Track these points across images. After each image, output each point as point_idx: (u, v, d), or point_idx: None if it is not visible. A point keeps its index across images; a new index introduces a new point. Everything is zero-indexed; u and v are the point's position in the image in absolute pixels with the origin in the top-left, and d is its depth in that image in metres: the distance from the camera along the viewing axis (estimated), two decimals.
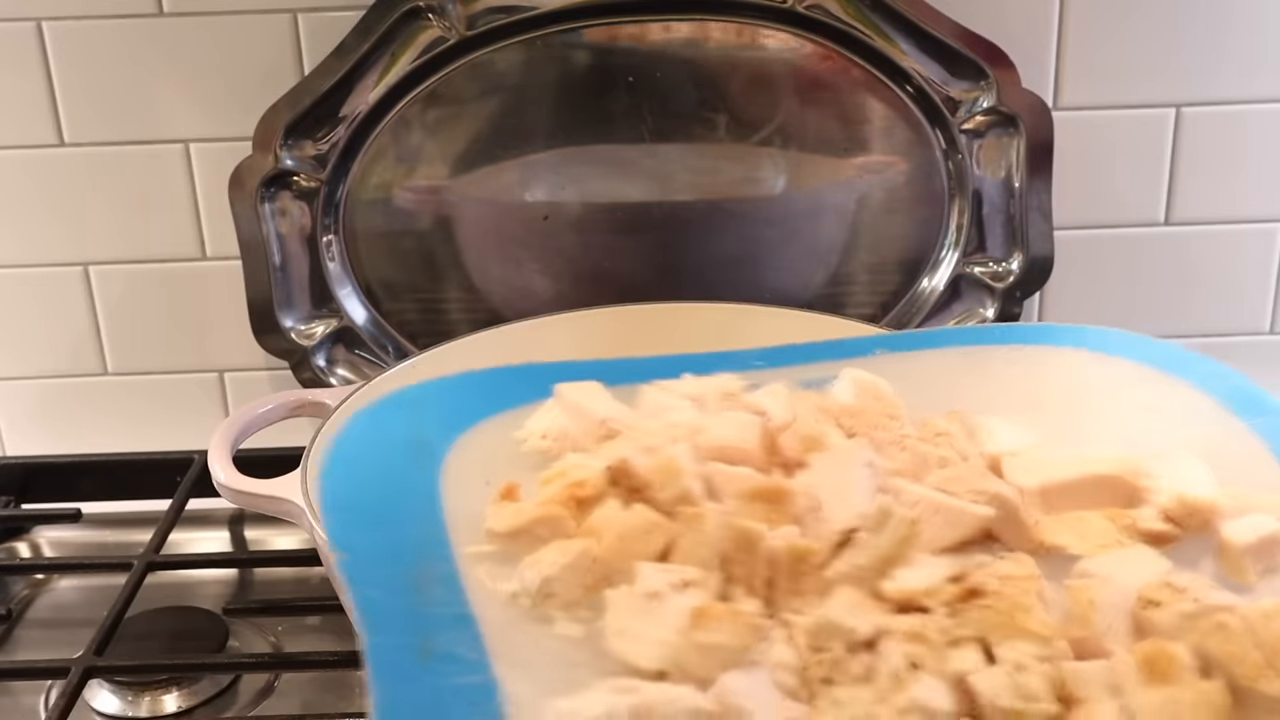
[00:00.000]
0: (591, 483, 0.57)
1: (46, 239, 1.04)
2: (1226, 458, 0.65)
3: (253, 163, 0.98)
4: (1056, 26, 1.00)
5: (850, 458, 0.60)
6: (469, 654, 0.47)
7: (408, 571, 0.50)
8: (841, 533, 0.56)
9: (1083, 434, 0.68)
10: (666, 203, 1.02)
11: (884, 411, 0.66)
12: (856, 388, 0.67)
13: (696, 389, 0.67)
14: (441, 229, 1.02)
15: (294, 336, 1.02)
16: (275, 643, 0.89)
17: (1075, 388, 0.72)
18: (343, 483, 0.53)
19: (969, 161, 1.01)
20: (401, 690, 0.45)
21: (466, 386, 0.62)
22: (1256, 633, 0.52)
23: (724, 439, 0.62)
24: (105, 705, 0.83)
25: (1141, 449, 0.65)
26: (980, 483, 0.60)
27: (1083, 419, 0.69)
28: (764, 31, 0.98)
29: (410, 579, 0.49)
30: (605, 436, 0.63)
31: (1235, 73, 1.02)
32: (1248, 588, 0.58)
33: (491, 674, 0.47)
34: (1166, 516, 0.61)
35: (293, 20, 0.98)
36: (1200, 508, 0.60)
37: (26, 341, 1.07)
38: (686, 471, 0.58)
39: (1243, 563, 0.59)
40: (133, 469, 1.02)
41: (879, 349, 0.72)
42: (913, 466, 0.62)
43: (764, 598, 0.54)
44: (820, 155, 1.01)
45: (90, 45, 0.98)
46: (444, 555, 0.51)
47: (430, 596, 0.49)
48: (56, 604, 0.96)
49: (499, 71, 0.98)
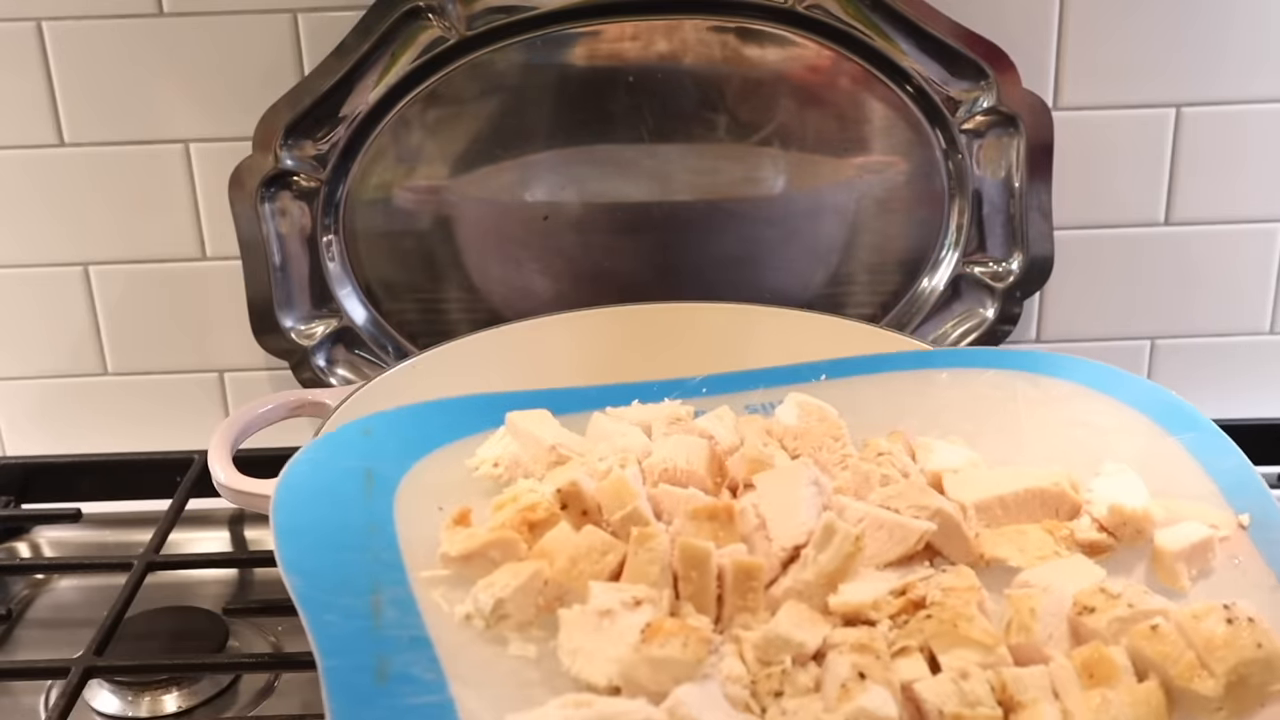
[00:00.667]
0: (543, 506, 0.59)
1: (46, 239, 1.04)
2: (1158, 470, 0.67)
3: (253, 163, 0.98)
4: (1056, 26, 1.00)
5: (795, 477, 0.61)
6: (425, 675, 0.48)
7: (363, 596, 0.50)
8: (788, 549, 0.58)
9: (1021, 451, 0.70)
10: (666, 203, 1.02)
11: (827, 433, 0.68)
12: (800, 410, 0.69)
13: (644, 415, 0.69)
14: (441, 229, 1.02)
15: (294, 336, 1.02)
16: (275, 643, 0.89)
17: (1013, 408, 0.74)
18: (297, 510, 0.53)
19: (969, 161, 1.01)
20: (359, 711, 0.45)
21: (418, 417, 0.62)
22: (1188, 634, 0.53)
23: (672, 461, 0.64)
24: (105, 705, 0.83)
25: (1077, 464, 0.67)
26: (921, 499, 0.61)
27: (1021, 437, 0.71)
28: (764, 31, 0.98)
29: (365, 603, 0.50)
30: (555, 462, 0.65)
31: (1235, 73, 1.02)
32: (1180, 592, 0.60)
33: (448, 693, 0.47)
34: (1101, 527, 0.63)
35: (293, 20, 0.98)
36: (1134, 518, 0.63)
37: (26, 341, 1.07)
38: (635, 493, 0.59)
39: (1175, 568, 0.61)
40: (133, 469, 1.02)
41: (822, 374, 0.74)
42: (855, 485, 0.64)
43: (714, 614, 0.55)
44: (820, 155, 1.01)
45: (90, 45, 0.98)
46: (399, 579, 0.52)
47: (385, 620, 0.49)
48: (56, 604, 0.96)
49: (499, 71, 0.98)
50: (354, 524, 0.53)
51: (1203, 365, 1.09)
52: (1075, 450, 0.69)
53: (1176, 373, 1.09)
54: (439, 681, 0.48)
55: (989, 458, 0.68)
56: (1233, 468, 0.69)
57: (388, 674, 0.47)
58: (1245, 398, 1.09)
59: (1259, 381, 1.10)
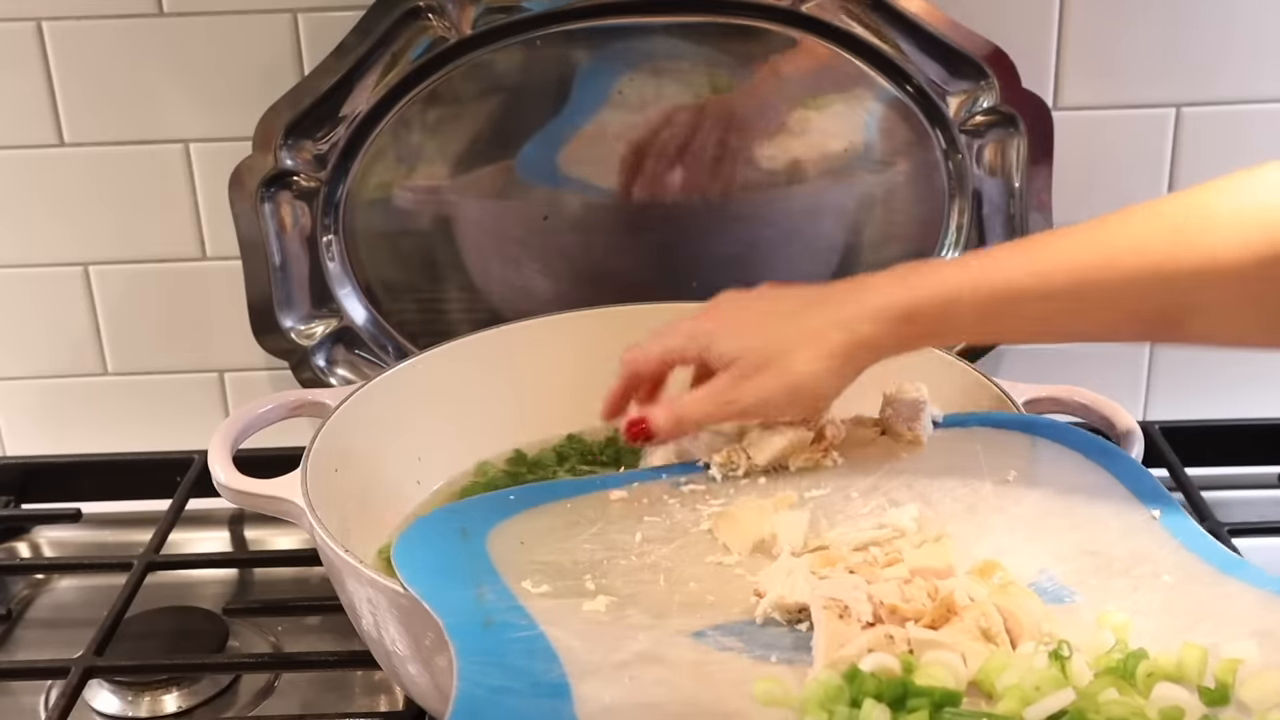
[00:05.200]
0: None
1: (46, 239, 1.04)
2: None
3: (253, 163, 0.98)
4: (1056, 26, 1.00)
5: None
6: (521, 622, 0.63)
7: (469, 588, 0.65)
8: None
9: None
10: (666, 203, 1.02)
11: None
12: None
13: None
14: (441, 229, 1.02)
15: (294, 336, 1.02)
16: (275, 643, 0.89)
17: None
18: (411, 550, 0.68)
19: (969, 161, 1.01)
20: (473, 644, 0.61)
21: (495, 498, 0.76)
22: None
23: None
24: (105, 705, 0.83)
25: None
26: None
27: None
28: (764, 31, 0.98)
29: (472, 592, 0.65)
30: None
31: (1235, 73, 1.02)
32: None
33: (540, 630, 0.62)
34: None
35: (293, 20, 0.98)
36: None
37: (26, 341, 1.07)
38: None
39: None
40: (133, 469, 1.03)
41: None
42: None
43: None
44: (820, 155, 1.01)
45: (90, 45, 0.98)
46: (496, 580, 0.66)
47: (487, 599, 0.64)
48: (56, 604, 0.96)
49: (499, 71, 0.98)
50: (458, 556, 0.68)
51: (1203, 364, 1.09)
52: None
53: (1177, 373, 1.09)
54: (532, 625, 0.62)
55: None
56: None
57: (493, 622, 0.62)
58: (1245, 398, 1.09)
59: (1259, 381, 1.10)
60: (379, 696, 0.84)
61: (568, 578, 0.67)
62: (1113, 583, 0.67)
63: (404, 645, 0.69)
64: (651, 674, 0.60)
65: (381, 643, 0.71)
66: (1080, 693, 0.58)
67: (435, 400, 0.89)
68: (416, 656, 0.69)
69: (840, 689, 0.58)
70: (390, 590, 0.66)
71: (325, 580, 0.77)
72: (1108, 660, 0.61)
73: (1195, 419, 1.05)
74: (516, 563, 0.68)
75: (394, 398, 0.87)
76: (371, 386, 0.87)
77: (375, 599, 0.69)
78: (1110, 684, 0.59)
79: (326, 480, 0.78)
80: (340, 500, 0.78)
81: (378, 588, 0.68)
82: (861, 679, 0.58)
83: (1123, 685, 0.59)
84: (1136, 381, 1.10)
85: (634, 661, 0.61)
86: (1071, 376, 0.87)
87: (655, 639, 0.62)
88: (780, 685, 0.59)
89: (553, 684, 0.59)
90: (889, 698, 0.57)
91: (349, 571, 0.70)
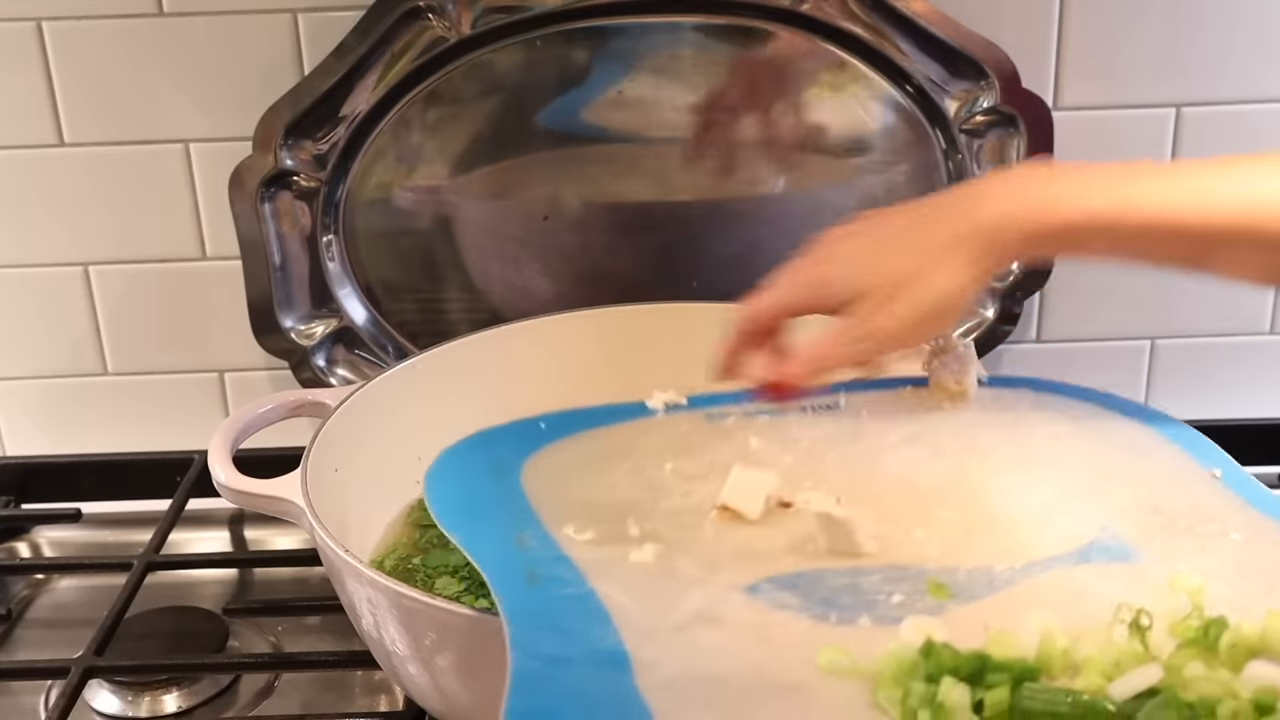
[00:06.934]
0: None
1: (46, 239, 1.04)
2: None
3: (253, 163, 0.98)
4: (1056, 26, 1.00)
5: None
6: (568, 575, 0.60)
7: (509, 536, 0.62)
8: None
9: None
10: (666, 203, 1.02)
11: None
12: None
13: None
14: (441, 229, 1.02)
15: (294, 336, 1.02)
16: (275, 643, 0.89)
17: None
18: (445, 488, 0.67)
19: (969, 161, 1.01)
20: (519, 603, 0.57)
21: (524, 425, 0.74)
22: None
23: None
24: (105, 705, 0.83)
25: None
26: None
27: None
28: (764, 31, 0.98)
29: (512, 540, 0.62)
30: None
31: (1236, 73, 1.02)
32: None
33: (589, 587, 0.59)
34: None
35: (293, 20, 0.98)
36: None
37: (26, 341, 1.07)
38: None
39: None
40: (133, 469, 1.03)
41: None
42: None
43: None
44: (820, 155, 1.01)
45: (90, 45, 0.98)
46: (536, 525, 0.64)
47: (530, 547, 0.62)
48: (56, 604, 0.96)
49: (499, 71, 0.98)
50: (493, 494, 0.66)
51: (1203, 365, 1.09)
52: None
53: (1176, 373, 1.10)
54: (581, 580, 0.59)
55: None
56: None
57: (538, 576, 0.59)
58: (1245, 398, 1.09)
59: (1259, 381, 1.10)
60: (379, 696, 0.84)
61: (610, 521, 0.64)
62: (1177, 541, 0.63)
63: (404, 645, 0.69)
64: (710, 639, 0.57)
65: (381, 643, 0.71)
66: (1164, 666, 0.54)
67: (435, 400, 0.88)
68: (416, 656, 0.69)
69: (915, 664, 0.54)
70: (390, 590, 0.66)
71: (325, 580, 0.77)
72: (1185, 629, 0.56)
73: (1195, 419, 1.04)
74: (555, 502, 0.65)
75: (394, 398, 0.87)
76: (371, 386, 0.87)
77: (375, 599, 0.69)
78: (1194, 656, 0.55)
79: (326, 480, 0.78)
80: (340, 500, 0.78)
81: (378, 588, 0.68)
82: (938, 653, 0.54)
83: (1208, 657, 0.55)
84: (1136, 381, 1.10)
85: (690, 623, 0.57)
86: (1072, 376, 0.87)
87: (709, 595, 0.59)
88: (847, 655, 0.56)
89: (610, 652, 0.55)
90: (966, 672, 0.54)
91: (349, 571, 0.70)
